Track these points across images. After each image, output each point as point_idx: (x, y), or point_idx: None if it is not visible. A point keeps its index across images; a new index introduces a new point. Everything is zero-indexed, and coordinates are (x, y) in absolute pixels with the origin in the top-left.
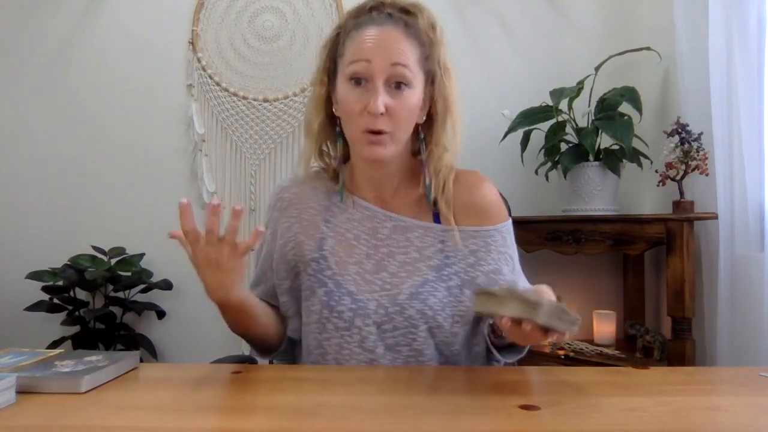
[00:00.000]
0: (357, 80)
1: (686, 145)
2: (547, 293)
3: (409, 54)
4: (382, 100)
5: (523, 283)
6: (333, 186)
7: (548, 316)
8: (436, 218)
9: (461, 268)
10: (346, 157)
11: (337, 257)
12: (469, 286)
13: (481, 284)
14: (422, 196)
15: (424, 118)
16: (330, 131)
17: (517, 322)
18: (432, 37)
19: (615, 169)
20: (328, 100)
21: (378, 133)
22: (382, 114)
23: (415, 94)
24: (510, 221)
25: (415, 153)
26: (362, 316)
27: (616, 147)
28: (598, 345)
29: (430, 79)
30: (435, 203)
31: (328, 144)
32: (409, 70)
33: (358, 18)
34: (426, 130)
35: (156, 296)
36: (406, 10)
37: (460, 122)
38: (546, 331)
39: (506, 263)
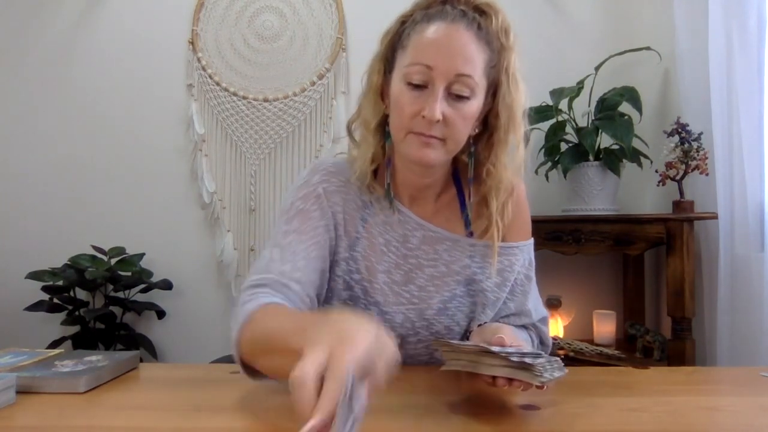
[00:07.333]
0: (414, 84)
1: (686, 145)
2: (507, 335)
3: (477, 62)
4: (440, 107)
5: (533, 303)
6: (372, 182)
7: (547, 373)
8: (467, 224)
9: (488, 287)
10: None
11: (367, 262)
12: (493, 308)
13: (501, 308)
14: (458, 207)
15: (477, 130)
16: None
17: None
18: (504, 43)
19: (615, 169)
20: (381, 92)
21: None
22: (438, 121)
23: (475, 104)
24: (532, 240)
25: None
26: (387, 329)
27: (616, 147)
28: (598, 345)
29: (493, 89)
30: (468, 219)
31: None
32: (474, 80)
33: (429, 9)
34: (480, 143)
35: (156, 296)
36: (481, 10)
37: (524, 139)
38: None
39: (520, 284)
